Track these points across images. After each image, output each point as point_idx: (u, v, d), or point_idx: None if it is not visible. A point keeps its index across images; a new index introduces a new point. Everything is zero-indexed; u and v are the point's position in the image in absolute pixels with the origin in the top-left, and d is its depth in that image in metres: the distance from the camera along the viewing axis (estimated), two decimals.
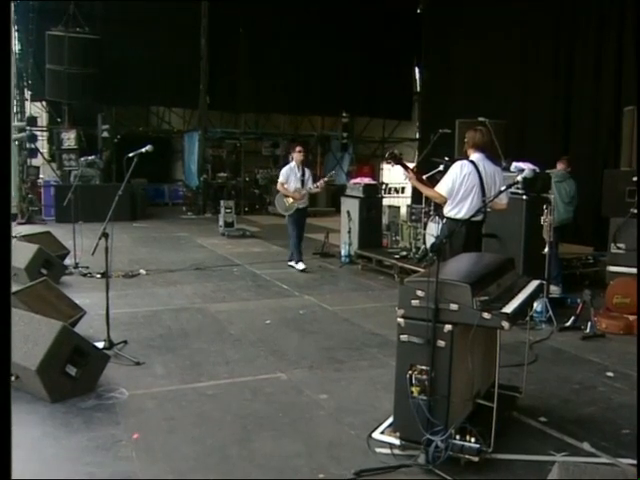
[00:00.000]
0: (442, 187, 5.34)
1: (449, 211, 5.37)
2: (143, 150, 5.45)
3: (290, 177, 8.92)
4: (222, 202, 13.15)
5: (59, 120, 15.58)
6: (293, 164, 9.03)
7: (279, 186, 8.97)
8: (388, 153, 7.26)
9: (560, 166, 7.88)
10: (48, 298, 5.27)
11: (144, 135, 16.87)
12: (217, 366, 4.90)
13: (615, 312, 6.35)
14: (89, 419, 3.86)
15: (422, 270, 6.17)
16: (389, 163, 7.74)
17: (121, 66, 15.12)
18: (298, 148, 9.12)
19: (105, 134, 15.55)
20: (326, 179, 9.43)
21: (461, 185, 5.27)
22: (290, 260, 9.17)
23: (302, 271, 8.85)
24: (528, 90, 12.73)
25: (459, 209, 5.31)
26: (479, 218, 5.28)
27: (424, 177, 6.06)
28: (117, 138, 15.73)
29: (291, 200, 8.84)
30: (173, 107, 19.21)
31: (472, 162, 5.34)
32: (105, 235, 5.00)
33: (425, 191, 5.62)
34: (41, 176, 15.75)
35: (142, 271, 8.56)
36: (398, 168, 5.77)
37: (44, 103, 16.30)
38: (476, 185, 5.27)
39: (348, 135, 18.21)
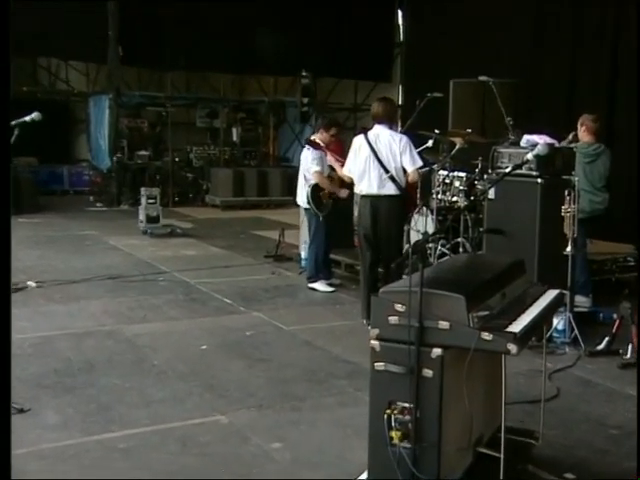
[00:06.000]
0: (345, 166, 6.96)
1: (357, 188, 6.91)
2: (28, 119, 5.30)
3: (325, 164, 8.38)
4: (143, 190, 13.12)
5: None
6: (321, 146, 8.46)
7: (318, 177, 8.25)
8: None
9: (586, 137, 7.38)
10: None
11: (31, 98, 16.50)
12: (134, 409, 4.87)
13: None
14: None
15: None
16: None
17: None
18: (333, 130, 8.58)
19: None
20: None
21: (355, 160, 6.74)
22: (313, 280, 8.52)
23: (331, 292, 8.45)
24: (544, 42, 12.88)
25: (363, 185, 6.75)
26: (390, 192, 6.60)
27: None
28: None
29: (327, 195, 8.34)
30: (72, 60, 18.97)
31: (364, 135, 6.69)
32: None
33: (339, 172, 7.35)
34: None
35: (31, 283, 8.48)
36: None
37: None
38: (368, 157, 6.63)
39: (309, 101, 18.19)
